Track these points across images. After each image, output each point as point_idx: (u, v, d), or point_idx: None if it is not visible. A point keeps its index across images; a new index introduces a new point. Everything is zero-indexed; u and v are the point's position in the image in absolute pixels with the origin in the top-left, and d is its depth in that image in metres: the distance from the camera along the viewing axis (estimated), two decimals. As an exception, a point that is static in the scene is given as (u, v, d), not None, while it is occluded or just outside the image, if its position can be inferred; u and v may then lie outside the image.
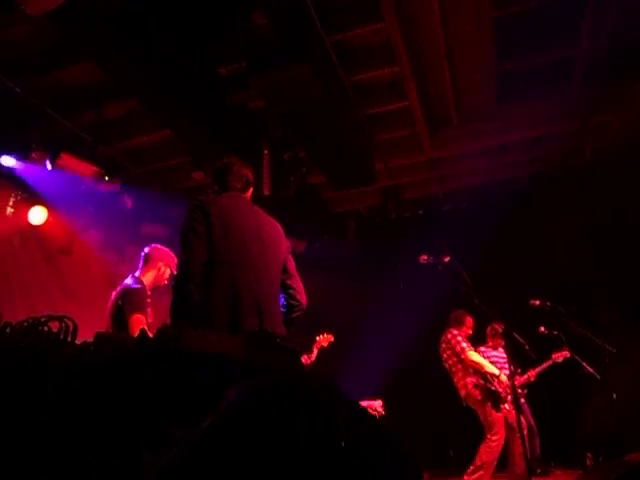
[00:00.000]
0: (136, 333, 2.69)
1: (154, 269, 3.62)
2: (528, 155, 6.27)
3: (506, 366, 5.13)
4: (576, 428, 5.67)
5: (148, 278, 3.57)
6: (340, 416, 1.15)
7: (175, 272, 3.48)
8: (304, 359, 5.03)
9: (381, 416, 4.91)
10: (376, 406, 4.94)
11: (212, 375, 1.07)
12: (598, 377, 4.31)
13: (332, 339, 5.34)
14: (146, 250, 3.70)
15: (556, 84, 5.23)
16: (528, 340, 3.87)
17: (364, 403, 4.72)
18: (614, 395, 4.31)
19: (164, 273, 3.65)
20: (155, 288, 3.62)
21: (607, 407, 4.52)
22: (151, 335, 1.27)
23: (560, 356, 5.04)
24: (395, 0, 3.99)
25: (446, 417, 5.87)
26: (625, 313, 5.57)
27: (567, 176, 6.22)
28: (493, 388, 4.78)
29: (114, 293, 3.43)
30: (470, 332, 5.20)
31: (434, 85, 5.16)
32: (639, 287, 5.41)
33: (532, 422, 5.27)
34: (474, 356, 4.90)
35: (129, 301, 3.29)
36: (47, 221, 5.26)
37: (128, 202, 5.62)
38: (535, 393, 5.26)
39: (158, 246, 3.77)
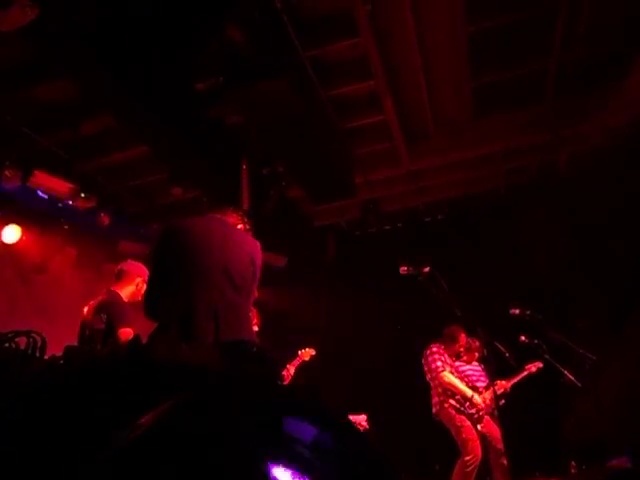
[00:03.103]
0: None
1: (132, 284, 3.63)
2: (505, 166, 6.37)
3: (482, 379, 5.15)
4: (559, 436, 5.68)
5: (126, 293, 3.58)
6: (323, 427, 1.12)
7: None
8: (284, 373, 4.98)
9: (366, 430, 4.87)
10: (360, 420, 4.90)
11: (183, 386, 1.04)
12: (579, 385, 4.32)
13: (314, 353, 5.31)
14: (121, 266, 3.71)
15: (530, 96, 5.34)
16: (509, 349, 3.88)
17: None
18: (596, 402, 4.33)
19: (141, 289, 3.64)
20: (131, 302, 3.60)
21: (589, 415, 4.55)
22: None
23: (533, 367, 5.07)
24: (371, 15, 4.05)
25: (431, 431, 5.84)
26: (604, 321, 5.63)
27: (543, 187, 6.32)
28: (467, 412, 4.77)
29: (87, 308, 3.40)
30: (461, 349, 5.19)
31: (411, 99, 5.22)
32: (617, 295, 5.49)
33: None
34: (447, 377, 4.88)
35: (115, 315, 3.29)
36: (21, 239, 5.15)
37: (105, 219, 5.54)
38: (517, 402, 5.26)
39: (133, 261, 3.79)
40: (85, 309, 3.45)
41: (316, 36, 4.33)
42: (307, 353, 5.25)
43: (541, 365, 5.04)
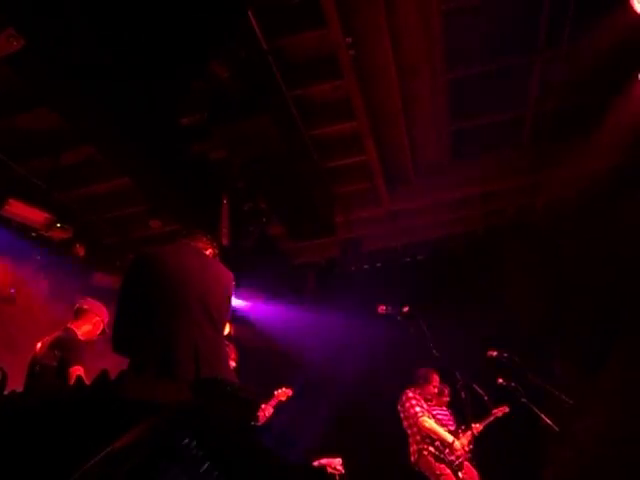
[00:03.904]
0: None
1: (89, 323, 3.66)
2: (483, 209, 6.48)
3: (450, 423, 5.07)
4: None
5: (83, 331, 3.58)
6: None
7: (106, 328, 3.65)
8: (260, 414, 4.84)
9: (341, 475, 4.71)
10: (335, 464, 4.74)
11: (150, 424, 0.99)
12: (556, 429, 4.28)
13: (290, 393, 5.18)
14: (81, 303, 3.74)
15: (508, 141, 5.50)
16: (486, 391, 3.84)
17: (323, 461, 4.54)
18: (576, 447, 4.29)
19: (97, 326, 3.68)
20: (87, 340, 3.62)
21: (570, 462, 4.49)
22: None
23: (499, 411, 5.00)
24: (354, 59, 4.16)
25: (408, 474, 5.69)
26: (580, 364, 5.64)
27: (521, 229, 6.43)
28: (447, 459, 4.67)
29: (41, 344, 3.35)
30: (435, 390, 5.11)
31: (391, 141, 5.32)
32: (594, 338, 5.52)
33: None
34: (427, 422, 4.79)
35: (69, 352, 3.26)
36: (-9, 269, 5.00)
37: (80, 250, 5.43)
38: (493, 448, 5.18)
39: (92, 300, 3.83)
40: (38, 345, 3.41)
41: (300, 77, 4.43)
42: (284, 393, 5.11)
43: (507, 409, 5.00)
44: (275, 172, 4.94)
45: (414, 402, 4.92)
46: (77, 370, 3.16)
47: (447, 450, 4.71)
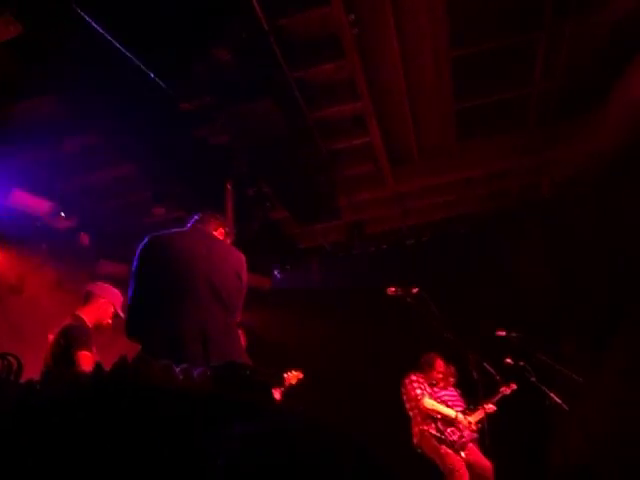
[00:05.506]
0: (85, 370, 2.56)
1: (96, 307, 3.51)
2: (488, 189, 6.43)
3: (458, 404, 5.08)
4: (546, 463, 5.61)
5: (90, 316, 3.46)
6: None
7: (119, 311, 3.50)
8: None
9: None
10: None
11: (174, 411, 0.97)
12: (566, 408, 4.29)
13: (301, 376, 5.18)
14: (89, 287, 3.62)
15: (513, 121, 5.43)
16: (495, 371, 3.84)
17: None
18: (583, 426, 4.29)
19: (107, 311, 3.54)
20: (97, 327, 3.49)
21: (577, 439, 4.51)
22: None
23: (508, 389, 5.01)
24: (357, 38, 4.09)
25: (420, 460, 5.72)
26: (589, 343, 5.64)
27: (527, 209, 6.40)
28: (449, 439, 4.68)
29: (52, 335, 3.29)
30: (440, 376, 5.10)
31: (395, 121, 5.26)
32: (602, 317, 5.52)
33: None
34: (428, 402, 4.80)
35: (73, 338, 3.17)
36: (-3, 259, 5.00)
37: (85, 239, 5.42)
38: (500, 428, 5.19)
39: (101, 283, 3.70)
40: (50, 336, 3.33)
41: (302, 58, 4.35)
42: (294, 376, 5.11)
43: (515, 387, 4.98)
44: (278, 155, 4.90)
45: (416, 385, 4.94)
46: (84, 355, 3.10)
47: (449, 429, 4.72)
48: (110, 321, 3.55)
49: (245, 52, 3.88)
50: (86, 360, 3.09)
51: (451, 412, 4.78)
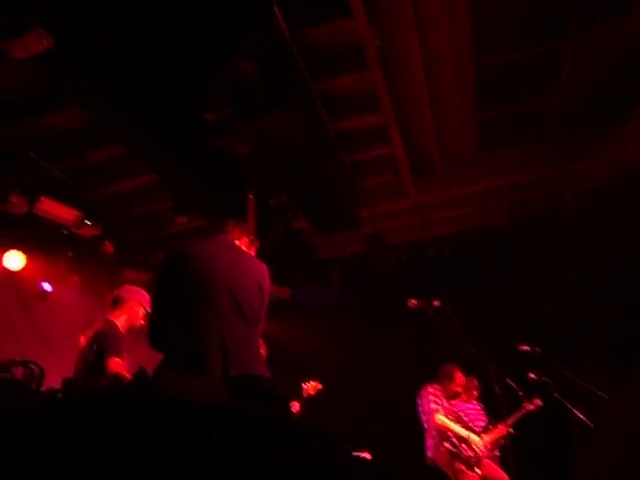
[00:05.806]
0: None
1: (127, 310, 3.51)
2: (510, 201, 6.34)
3: (481, 418, 4.98)
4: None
5: (121, 320, 3.46)
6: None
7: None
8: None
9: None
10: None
11: (190, 424, 0.97)
12: (590, 425, 4.18)
13: (320, 387, 5.13)
14: (118, 292, 3.62)
15: (536, 131, 5.36)
16: (518, 386, 3.76)
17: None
18: (606, 444, 4.18)
19: (138, 313, 3.53)
20: (130, 329, 3.50)
21: (601, 457, 4.38)
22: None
23: (532, 405, 4.87)
24: (379, 50, 4.09)
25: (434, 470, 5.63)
26: (612, 359, 5.50)
27: (549, 222, 6.28)
28: (463, 455, 4.59)
29: (84, 338, 3.30)
30: (458, 389, 5.00)
31: (417, 132, 5.25)
32: (625, 332, 5.38)
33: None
34: (439, 419, 4.70)
35: (105, 344, 3.17)
36: (23, 266, 5.10)
37: (109, 247, 5.51)
38: (522, 444, 5.07)
39: (129, 286, 3.71)
40: (82, 339, 3.35)
41: (324, 69, 4.37)
42: (313, 387, 5.06)
43: (540, 403, 4.86)
44: (300, 166, 4.91)
45: (432, 398, 4.86)
46: (115, 362, 3.10)
47: (463, 445, 4.63)
48: (143, 322, 3.53)
49: (268, 63, 3.92)
50: (117, 366, 3.09)
51: (463, 432, 4.68)
